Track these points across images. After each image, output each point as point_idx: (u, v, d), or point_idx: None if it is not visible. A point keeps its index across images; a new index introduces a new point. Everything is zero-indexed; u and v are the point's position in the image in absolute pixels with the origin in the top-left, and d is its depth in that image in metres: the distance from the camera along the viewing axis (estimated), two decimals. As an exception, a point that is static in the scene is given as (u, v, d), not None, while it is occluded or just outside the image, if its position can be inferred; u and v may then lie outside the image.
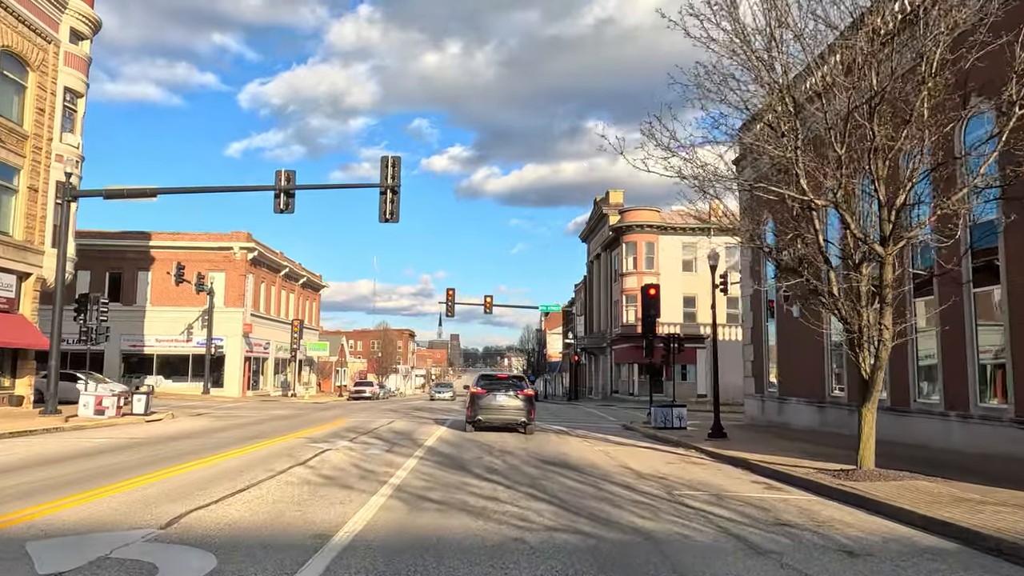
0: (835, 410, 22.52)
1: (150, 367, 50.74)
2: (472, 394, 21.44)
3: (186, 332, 50.21)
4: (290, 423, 24.28)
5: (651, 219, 53.76)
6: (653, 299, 29.14)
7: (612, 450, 17.46)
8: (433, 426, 23.88)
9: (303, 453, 14.49)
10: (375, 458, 14.01)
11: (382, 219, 23.00)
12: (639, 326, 54.01)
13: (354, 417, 28.62)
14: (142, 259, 50.29)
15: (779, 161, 12.33)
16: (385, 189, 22.96)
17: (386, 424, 24.24)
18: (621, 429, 26.33)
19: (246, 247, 50.69)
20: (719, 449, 17.25)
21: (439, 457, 14.54)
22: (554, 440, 19.85)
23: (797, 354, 25.27)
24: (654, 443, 20.23)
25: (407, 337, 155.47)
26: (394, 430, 21.63)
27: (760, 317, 28.82)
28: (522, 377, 22.64)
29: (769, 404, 27.69)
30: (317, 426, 22.87)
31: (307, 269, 67.84)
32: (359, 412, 33.33)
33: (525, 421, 21.03)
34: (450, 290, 51.75)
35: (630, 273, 53.68)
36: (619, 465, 14.28)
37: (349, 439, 18.06)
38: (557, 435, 21.79)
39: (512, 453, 15.83)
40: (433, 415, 31.56)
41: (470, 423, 21.33)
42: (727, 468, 14.59)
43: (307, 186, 23.57)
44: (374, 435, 19.60)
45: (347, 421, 25.71)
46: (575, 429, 24.79)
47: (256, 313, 53.35)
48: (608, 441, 20.21)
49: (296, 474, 11.48)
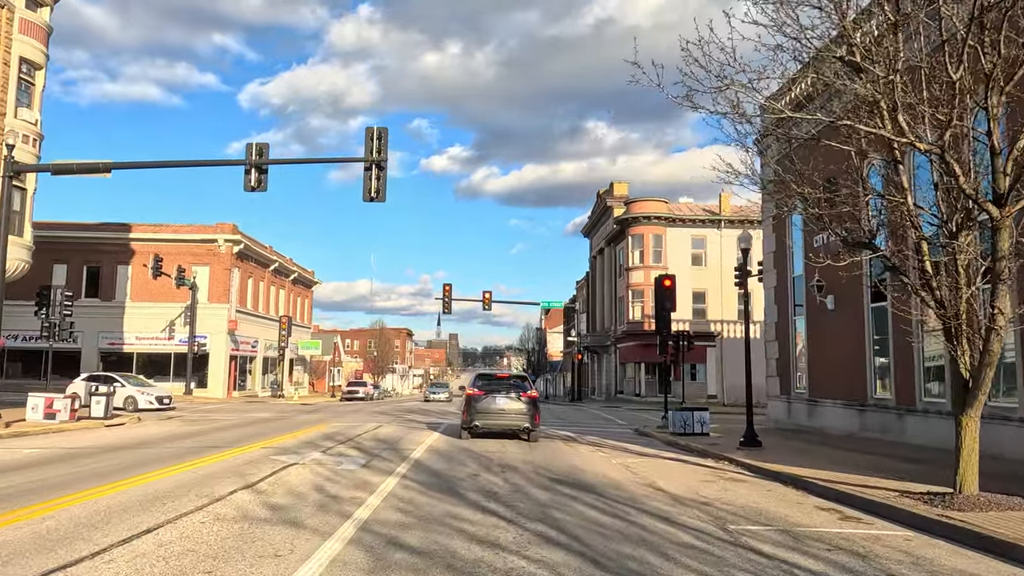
0: (879, 414, 19.89)
1: (130, 366, 47.94)
2: (468, 396, 18.80)
3: (168, 329, 47.53)
4: (265, 428, 21.64)
5: (658, 210, 51.11)
6: (668, 291, 26.47)
7: (633, 463, 14.81)
8: (424, 432, 21.24)
9: (259, 470, 11.83)
10: (346, 477, 11.35)
11: (367, 197, 20.36)
12: (647, 323, 51.42)
13: (338, 421, 25.97)
14: (121, 252, 47.61)
15: (864, 96, 9.62)
16: (370, 165, 20.31)
17: (371, 430, 21.59)
18: (634, 435, 23.70)
19: (231, 239, 48.01)
20: (758, 461, 14.62)
21: (426, 475, 11.89)
22: (563, 449, 17.20)
23: (831, 351, 22.66)
24: (678, 452, 17.58)
25: (404, 336, 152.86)
26: (379, 437, 18.98)
27: (786, 311, 26.19)
28: (525, 377, 20.00)
29: (797, 406, 25.06)
30: (294, 432, 20.23)
31: (299, 264, 65.17)
32: (346, 415, 30.68)
33: (528, 427, 18.41)
34: (447, 285, 49.16)
35: (636, 267, 51.05)
36: (647, 485, 11.64)
37: (323, 449, 15.40)
38: (565, 443, 19.16)
39: (515, 468, 13.19)
40: (426, 418, 28.92)
41: (466, 429, 18.69)
42: (778, 488, 11.95)
43: (280, 160, 20.92)
44: (354, 444, 16.95)
45: (329, 426, 23.06)
46: (584, 435, 22.16)
47: (243, 309, 50.68)
48: (625, 451, 17.56)
49: (236, 503, 8.83)
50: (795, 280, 25.72)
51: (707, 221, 51.20)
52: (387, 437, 19.13)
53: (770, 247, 27.60)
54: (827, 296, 22.75)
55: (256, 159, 20.14)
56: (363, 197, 20.41)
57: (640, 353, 50.99)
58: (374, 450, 15.59)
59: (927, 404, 17.65)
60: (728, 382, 49.95)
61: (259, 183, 20.39)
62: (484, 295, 50.22)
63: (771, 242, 27.47)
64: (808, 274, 24.13)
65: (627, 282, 51.98)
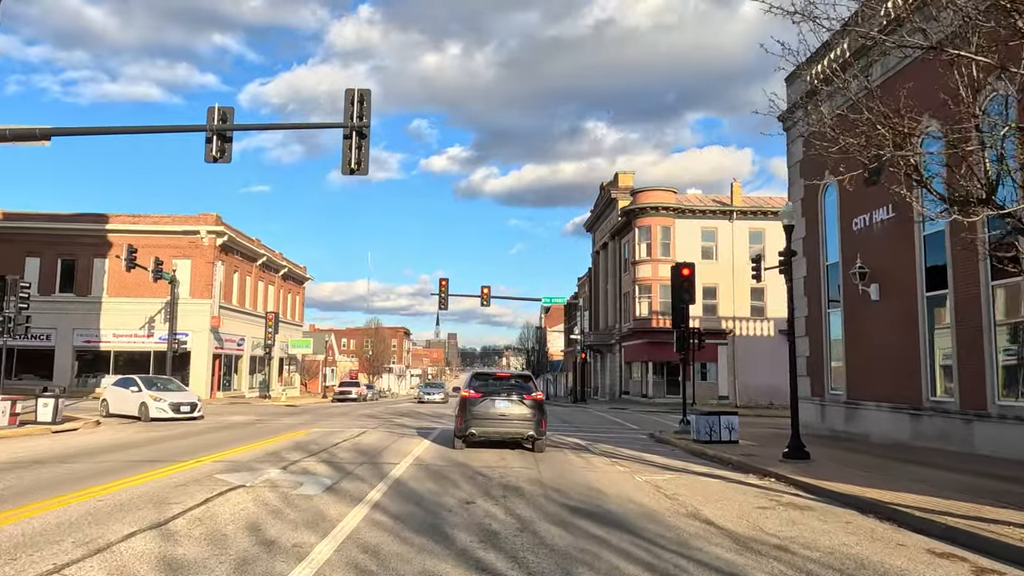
0: (937, 419, 17.23)
1: (107, 365, 45.29)
2: (463, 399, 16.10)
3: (147, 326, 44.82)
4: (233, 435, 18.96)
5: (667, 200, 48.40)
6: (686, 281, 23.80)
7: (662, 481, 12.14)
8: (413, 440, 18.55)
9: (188, 497, 9.14)
10: (298, 507, 8.68)
11: (346, 170, 17.65)
12: (654, 319, 48.74)
13: (320, 426, 23.29)
14: (98, 244, 44.88)
15: None
16: (350, 132, 17.61)
17: (352, 437, 18.90)
18: (651, 442, 21.04)
19: (214, 231, 45.29)
20: (815, 479, 11.96)
21: (405, 503, 9.21)
22: (574, 463, 14.52)
23: (875, 347, 20.00)
24: (709, 465, 14.91)
25: (402, 335, 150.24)
26: (359, 447, 16.28)
27: (818, 304, 23.50)
28: (528, 376, 17.30)
29: (832, 410, 22.39)
30: (263, 440, 17.54)
31: (289, 259, 62.44)
32: (332, 418, 27.99)
33: (534, 435, 15.73)
34: (443, 280, 46.40)
35: (643, 261, 48.35)
36: (691, 516, 8.97)
37: (285, 464, 12.71)
38: (575, 453, 16.49)
39: (520, 490, 10.51)
40: (418, 422, 26.24)
41: (460, 437, 16.01)
42: (857, 518, 9.28)
43: (247, 126, 18.23)
44: (326, 456, 14.26)
45: (307, 432, 20.38)
46: (595, 443, 19.49)
47: (227, 305, 47.96)
48: (647, 463, 14.89)
49: (118, 559, 6.14)
50: (828, 269, 23.06)
51: (718, 212, 48.51)
52: (369, 446, 16.43)
53: (798, 233, 24.92)
54: (870, 284, 20.10)
55: (219, 125, 17.43)
56: (342, 169, 17.70)
57: (647, 352, 48.32)
58: (348, 465, 12.90)
59: (1004, 409, 15.00)
60: (741, 382, 47.32)
61: (222, 153, 17.67)
62: (483, 290, 47.52)
63: (800, 228, 24.79)
64: (846, 261, 21.48)
65: (633, 277, 49.30)
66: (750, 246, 47.54)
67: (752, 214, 48.26)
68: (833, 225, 22.68)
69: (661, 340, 47.51)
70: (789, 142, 25.86)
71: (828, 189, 23.18)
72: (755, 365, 47.39)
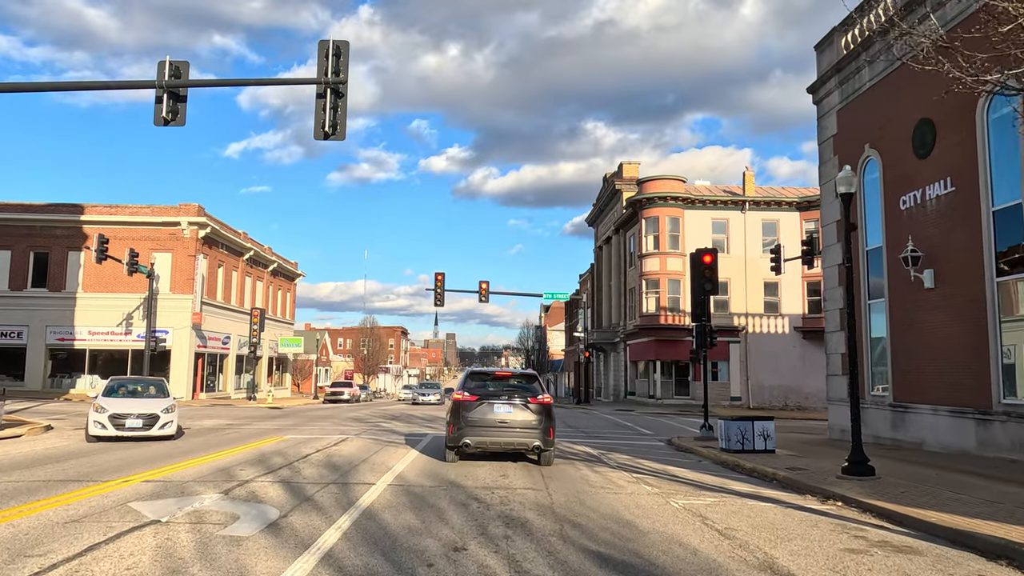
0: (1013, 425, 14.69)
1: (81, 364, 42.75)
2: (455, 402, 13.53)
3: (125, 323, 42.23)
4: (192, 444, 16.39)
5: (676, 189, 45.82)
6: (708, 268, 21.26)
7: (705, 507, 9.60)
8: (399, 450, 15.99)
9: (68, 542, 6.59)
10: (215, 560, 6.12)
11: (319, 133, 15.13)
12: (663, 315, 46.14)
13: (297, 431, 20.74)
14: (73, 236, 42.29)
15: None
16: (323, 89, 15.10)
17: (329, 446, 16.34)
18: (672, 450, 18.51)
19: (196, 222, 42.70)
20: (896, 505, 9.43)
21: (370, 553, 6.65)
22: (591, 480, 11.97)
23: (929, 342, 17.46)
24: (751, 482, 12.36)
25: (399, 335, 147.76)
26: (332, 460, 13.71)
27: (856, 293, 20.87)
28: (533, 375, 14.69)
29: (875, 414, 19.84)
30: (221, 451, 14.99)
31: (279, 254, 59.84)
32: (314, 422, 25.44)
33: (540, 446, 13.18)
34: (439, 274, 43.75)
35: (651, 254, 45.78)
36: (763, 567, 6.46)
37: (228, 487, 10.14)
38: (589, 466, 13.95)
39: (527, 526, 7.97)
40: (408, 427, 23.69)
41: (452, 448, 13.46)
42: (991, 570, 6.74)
43: (201, 82, 15.62)
44: (286, 474, 11.69)
45: (279, 440, 17.83)
46: (609, 452, 16.96)
47: (211, 301, 45.38)
48: (676, 479, 12.34)
49: None
50: (869, 255, 20.52)
51: (729, 203, 45.96)
52: (344, 459, 13.87)
53: (832, 215, 22.38)
54: (924, 270, 17.56)
55: (170, 81, 14.86)
56: (315, 133, 15.18)
57: (655, 350, 45.77)
58: (310, 486, 10.33)
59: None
60: (754, 382, 44.79)
61: (174, 115, 15.12)
62: (481, 285, 44.93)
63: (834, 209, 22.24)
64: (891, 245, 18.95)
65: (640, 271, 46.73)
66: (763, 238, 45.01)
67: (766, 204, 45.71)
68: (875, 205, 20.13)
69: (670, 337, 45.03)
70: (820, 116, 23.33)
71: (868, 165, 20.64)
72: (769, 364, 44.88)
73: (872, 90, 20.36)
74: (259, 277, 55.56)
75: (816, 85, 23.31)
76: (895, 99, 19.21)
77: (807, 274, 45.22)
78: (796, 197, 46.30)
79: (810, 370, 44.95)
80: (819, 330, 45.89)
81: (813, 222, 45.38)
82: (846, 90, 21.68)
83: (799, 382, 44.86)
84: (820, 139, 23.34)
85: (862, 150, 20.65)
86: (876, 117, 20.05)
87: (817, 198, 46.44)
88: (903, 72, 18.96)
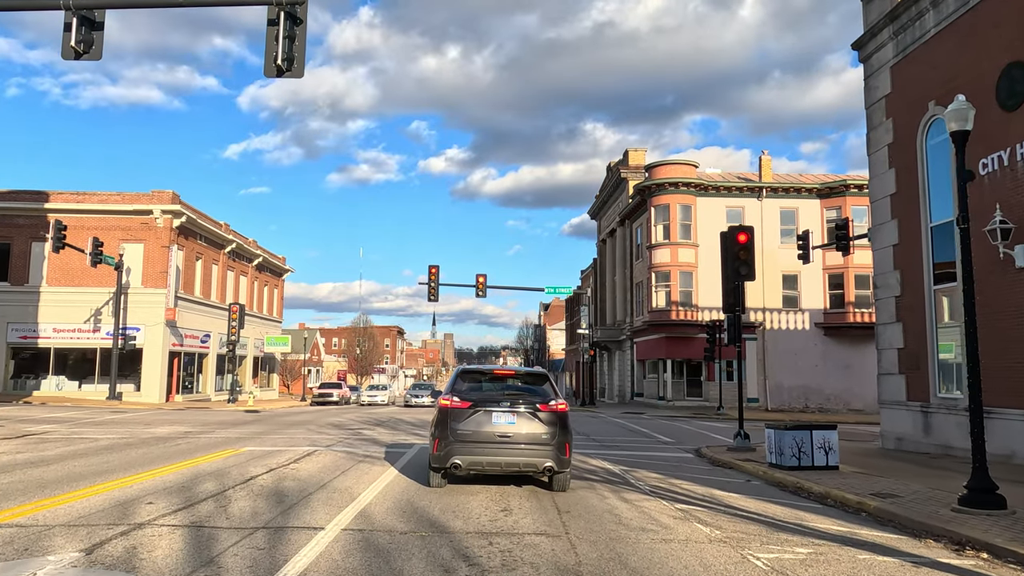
0: None
1: (46, 364, 39.53)
2: (442, 409, 10.37)
3: (93, 319, 39.04)
4: (118, 459, 13.23)
5: (688, 175, 42.68)
6: (743, 249, 18.10)
7: (806, 569, 6.47)
8: (373, 468, 12.84)
9: None
10: None
11: (271, 69, 12.00)
12: (674, 311, 42.90)
13: (261, 441, 17.60)
14: (36, 226, 39.03)
15: None
16: (276, 13, 11.95)
17: (289, 462, 13.19)
18: (704, 464, 15.41)
19: (170, 211, 39.50)
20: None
21: None
22: (624, 517, 8.83)
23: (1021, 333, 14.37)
24: (837, 517, 9.24)
25: (395, 334, 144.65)
26: (281, 486, 10.55)
27: (918, 278, 17.80)
28: (543, 375, 11.49)
29: (943, 419, 16.72)
30: (156, 468, 11.86)
31: (265, 248, 56.61)
32: (288, 429, 22.30)
33: (552, 467, 10.06)
34: (432, 267, 40.53)
35: (661, 245, 42.62)
36: None
37: (104, 540, 7.00)
38: (613, 490, 10.84)
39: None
40: (393, 435, 20.55)
41: (438, 471, 10.33)
42: None
43: (119, 3, 12.41)
44: (208, 508, 8.55)
45: (232, 453, 14.69)
46: (633, 468, 13.87)
47: (187, 296, 42.19)
48: (736, 513, 9.22)
49: None
50: (934, 232, 17.40)
51: (745, 189, 42.84)
52: (298, 483, 10.72)
53: (884, 188, 19.25)
54: (1015, 245, 14.48)
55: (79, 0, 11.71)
56: (265, 69, 12.04)
57: (665, 348, 42.65)
58: (226, 535, 7.19)
59: None
60: (773, 382, 41.69)
61: (88, 46, 11.98)
62: (478, 278, 41.76)
63: (886, 181, 19.11)
64: (977, 216, 15.80)
65: (649, 263, 43.58)
66: (781, 227, 41.92)
67: (784, 191, 42.59)
68: (943, 172, 17.03)
69: (681, 334, 41.93)
70: (868, 75, 20.21)
71: (933, 127, 17.52)
72: (788, 363, 41.78)
73: (939, 37, 17.24)
74: (243, 272, 52.36)
75: (864, 39, 20.20)
76: (971, 44, 16.11)
77: (828, 266, 42.15)
78: (817, 183, 43.19)
79: (832, 369, 41.89)
80: (842, 326, 42.87)
81: (835, 210, 42.34)
82: (903, 41, 18.57)
83: (820, 382, 41.76)
84: (868, 102, 20.22)
85: (925, 109, 17.55)
86: (944, 69, 16.94)
87: (839, 184, 43.43)
88: (984, 9, 15.92)
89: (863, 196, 42.03)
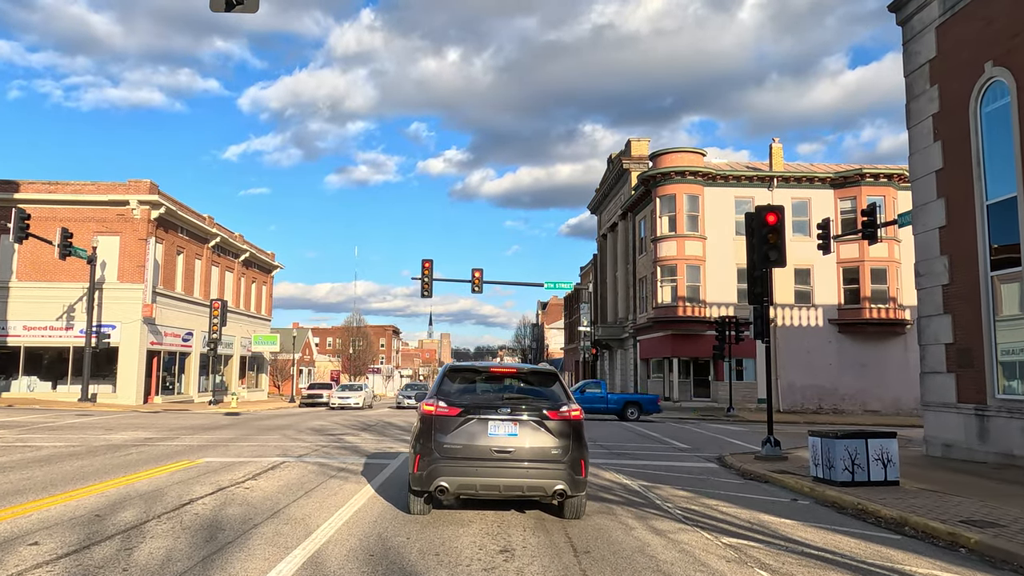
0: None
1: (16, 364, 37.31)
2: (426, 417, 8.21)
3: (65, 316, 36.84)
4: (44, 474, 11.09)
5: (695, 163, 40.60)
6: (772, 232, 15.98)
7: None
8: (345, 487, 10.70)
9: None
10: None
11: (218, 4, 9.85)
12: (681, 307, 40.69)
13: (226, 450, 15.46)
14: (4, 218, 36.76)
15: None
16: (226, -67, 9.80)
17: (242, 481, 11.05)
18: (733, 476, 13.30)
19: (148, 201, 37.30)
20: None
21: None
22: (661, 559, 6.72)
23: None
24: (928, 555, 7.14)
25: (390, 334, 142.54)
26: (221, 515, 8.40)
27: (972, 265, 15.70)
28: (552, 375, 9.27)
29: (1005, 424, 14.63)
30: (81, 487, 9.73)
31: (252, 243, 54.40)
32: (262, 435, 20.16)
33: (564, 489, 7.92)
34: (426, 261, 38.39)
35: (666, 237, 40.51)
36: None
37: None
38: (639, 519, 8.72)
39: None
40: (378, 442, 18.41)
41: (419, 494, 8.21)
42: None
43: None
44: (100, 558, 6.41)
45: (184, 467, 12.56)
46: (655, 484, 11.75)
47: (167, 292, 40.00)
48: (806, 551, 7.11)
49: None
50: (990, 210, 15.31)
51: (755, 179, 40.77)
52: (244, 511, 8.58)
53: (928, 164, 17.17)
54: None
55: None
56: (210, 4, 9.89)
57: (671, 346, 40.55)
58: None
59: None
60: (784, 382, 39.63)
61: None
62: (474, 273, 39.61)
63: (932, 155, 17.03)
64: (1036, 193, 13.74)
65: (654, 257, 41.48)
66: (793, 218, 39.85)
67: (796, 181, 40.51)
68: (1004, 144, 14.93)
69: (688, 331, 39.84)
70: (907, 40, 18.13)
71: (989, 91, 15.43)
72: (801, 362, 39.72)
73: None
74: (228, 267, 50.15)
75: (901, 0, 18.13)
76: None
77: (842, 259, 40.11)
78: (831, 173, 41.13)
79: (847, 368, 39.83)
80: (858, 322, 40.74)
81: (850, 200, 40.32)
82: (951, -2, 16.49)
83: (835, 382, 39.69)
84: (908, 69, 18.13)
85: (980, 71, 15.49)
86: (1003, 25, 14.87)
87: (855, 172, 41.30)
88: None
89: (880, 186, 39.98)
